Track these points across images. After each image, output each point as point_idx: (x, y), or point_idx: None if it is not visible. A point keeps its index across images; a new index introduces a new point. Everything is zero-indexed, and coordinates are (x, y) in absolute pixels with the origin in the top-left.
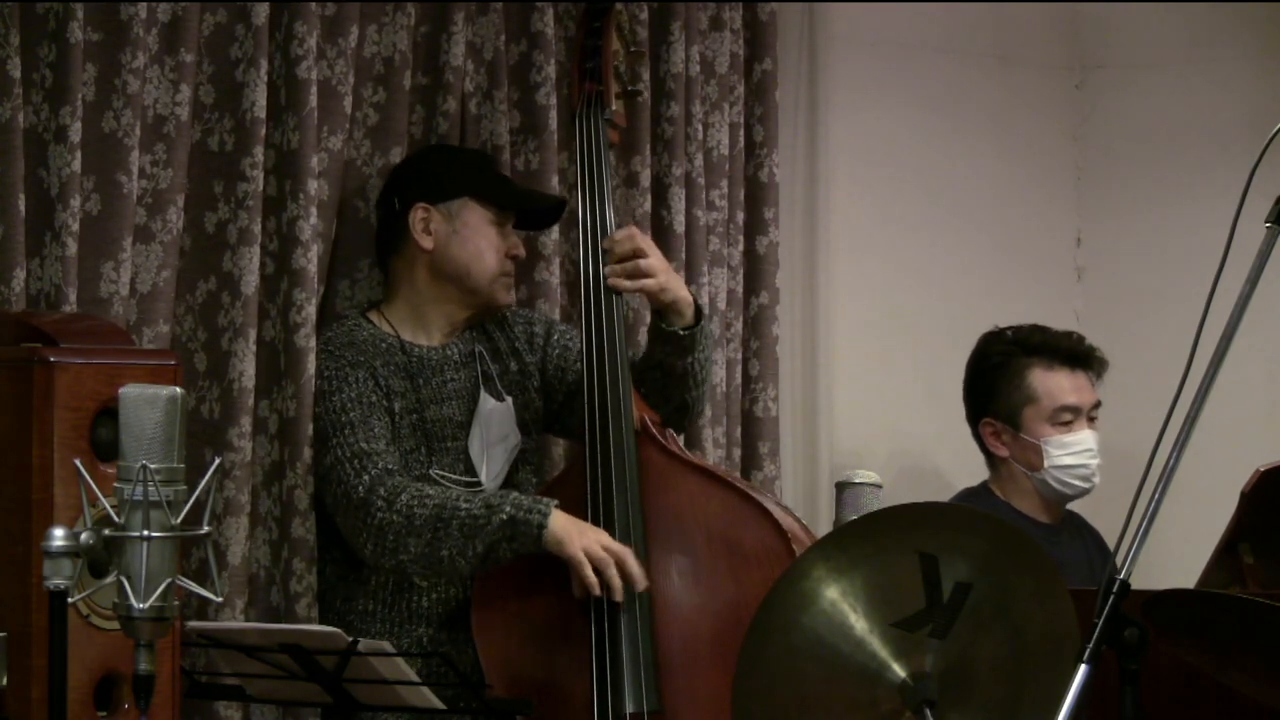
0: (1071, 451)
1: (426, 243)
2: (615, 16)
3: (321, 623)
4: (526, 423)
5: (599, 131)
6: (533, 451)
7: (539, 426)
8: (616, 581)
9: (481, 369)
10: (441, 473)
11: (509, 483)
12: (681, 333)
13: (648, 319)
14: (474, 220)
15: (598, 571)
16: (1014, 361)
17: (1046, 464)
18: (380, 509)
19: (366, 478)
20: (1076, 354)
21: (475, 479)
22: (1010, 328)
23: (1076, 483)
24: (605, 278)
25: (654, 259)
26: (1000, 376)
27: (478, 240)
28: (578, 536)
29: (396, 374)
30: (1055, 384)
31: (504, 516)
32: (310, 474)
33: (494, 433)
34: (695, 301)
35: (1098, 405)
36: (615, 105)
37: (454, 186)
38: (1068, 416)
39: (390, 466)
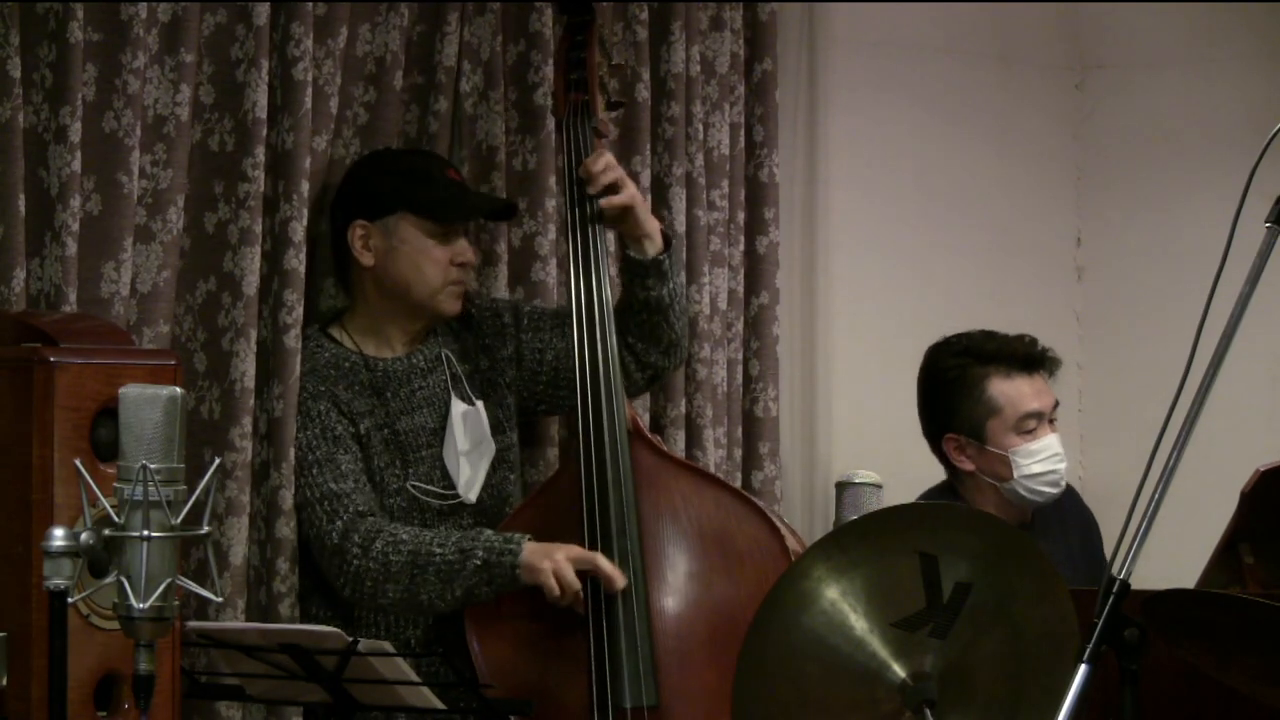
0: (1039, 459)
1: (366, 259)
2: (597, 29)
3: None
4: (501, 422)
5: (588, 140)
6: (510, 450)
7: (513, 424)
8: (572, 587)
9: (450, 372)
10: (418, 484)
11: (488, 485)
12: (658, 258)
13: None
14: (411, 235)
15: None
16: (970, 373)
17: (1016, 474)
18: (356, 556)
19: (339, 523)
20: (1032, 357)
21: (453, 490)
22: (957, 336)
23: (1046, 489)
24: (591, 207)
25: (625, 177)
26: (958, 390)
27: (415, 256)
28: (545, 561)
29: (361, 394)
30: (1017, 391)
31: (477, 561)
32: (294, 475)
33: (468, 438)
34: (663, 229)
35: (1056, 406)
36: (601, 114)
37: (389, 201)
38: (1032, 424)
39: (361, 508)
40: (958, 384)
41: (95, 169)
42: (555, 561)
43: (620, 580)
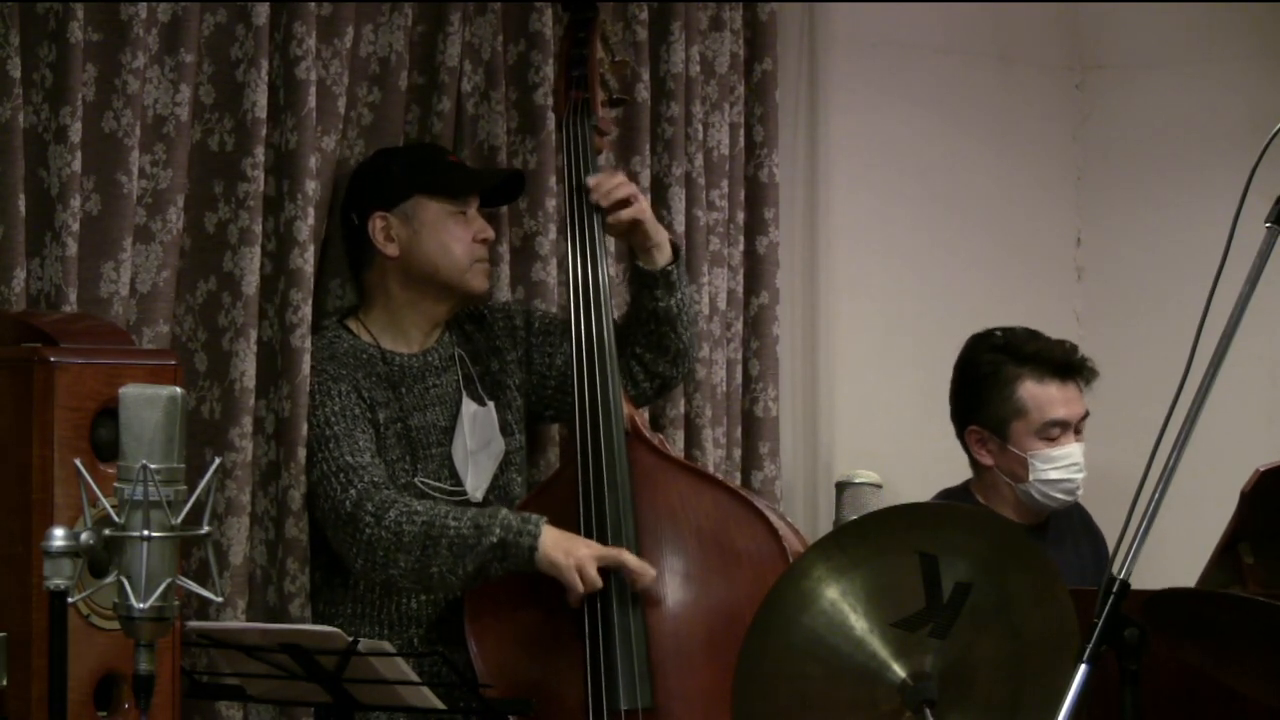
0: (1058, 466)
1: (391, 250)
2: (600, 25)
3: None
4: (509, 424)
5: (587, 138)
6: (517, 452)
7: (522, 426)
8: (594, 586)
9: (463, 372)
10: (426, 480)
11: (495, 486)
12: (667, 268)
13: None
14: (431, 216)
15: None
16: (1004, 371)
17: (1032, 477)
18: (369, 525)
19: (353, 491)
20: (1069, 365)
21: (460, 487)
22: (1001, 330)
23: (1060, 496)
24: (600, 217)
25: (636, 191)
26: (989, 385)
27: (439, 235)
28: (569, 558)
29: (379, 385)
30: (1046, 397)
31: (493, 539)
32: (303, 474)
33: (477, 438)
34: (671, 240)
35: (1085, 417)
36: (601, 112)
37: (403, 188)
38: (1055, 431)
39: (376, 479)
40: (990, 379)
41: (95, 169)
42: (579, 559)
43: (649, 574)
